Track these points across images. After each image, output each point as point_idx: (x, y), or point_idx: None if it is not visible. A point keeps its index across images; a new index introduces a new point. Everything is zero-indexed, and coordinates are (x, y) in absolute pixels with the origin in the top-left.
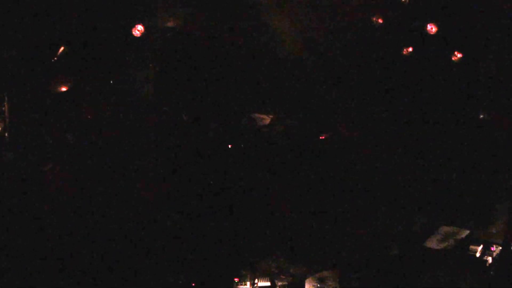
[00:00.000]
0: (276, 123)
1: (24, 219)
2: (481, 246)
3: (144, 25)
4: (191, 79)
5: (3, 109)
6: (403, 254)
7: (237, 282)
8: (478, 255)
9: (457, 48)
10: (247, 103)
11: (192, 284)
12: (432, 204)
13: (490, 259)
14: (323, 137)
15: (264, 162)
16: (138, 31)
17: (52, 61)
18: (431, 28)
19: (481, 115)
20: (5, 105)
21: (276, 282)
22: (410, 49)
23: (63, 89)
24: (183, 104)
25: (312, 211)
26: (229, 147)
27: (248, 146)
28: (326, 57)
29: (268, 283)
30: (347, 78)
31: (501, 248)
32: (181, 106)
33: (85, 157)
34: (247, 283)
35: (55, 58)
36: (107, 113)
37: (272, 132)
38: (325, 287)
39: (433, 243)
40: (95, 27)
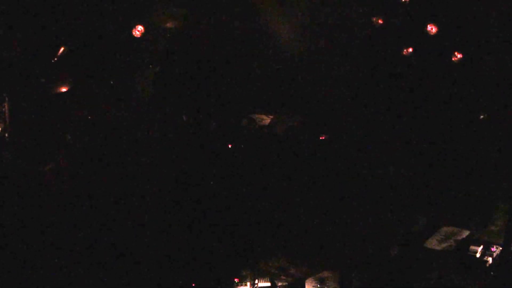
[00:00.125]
0: (276, 123)
1: (24, 219)
2: (481, 247)
3: (144, 25)
4: (191, 79)
5: (3, 109)
6: (404, 254)
7: (237, 282)
8: (478, 255)
9: (457, 49)
10: (247, 103)
11: (192, 284)
12: (433, 205)
13: (490, 259)
14: (323, 138)
15: (264, 162)
16: (138, 31)
17: (53, 61)
18: (431, 29)
19: (481, 115)
20: (5, 106)
21: (276, 282)
22: (410, 49)
23: (63, 89)
24: (183, 105)
25: (313, 212)
26: (229, 147)
27: (248, 146)
28: (326, 57)
29: (268, 284)
30: (347, 79)
31: (501, 248)
32: (181, 106)
33: (85, 157)
34: (248, 283)
35: (55, 59)
36: (107, 113)
37: (272, 133)
38: (325, 287)
39: (433, 243)
40: (95, 28)
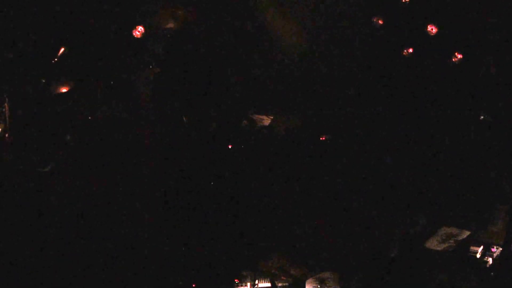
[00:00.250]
0: (276, 124)
1: (24, 219)
2: (482, 247)
3: (145, 26)
4: (191, 79)
5: (4, 110)
6: (404, 255)
7: (237, 283)
8: (478, 256)
9: (457, 49)
10: (247, 104)
11: (192, 284)
12: (433, 205)
13: (490, 260)
14: (323, 138)
15: (265, 163)
16: (139, 32)
17: (53, 62)
18: (432, 29)
19: (481, 116)
20: (6, 106)
21: (276, 283)
22: (411, 50)
23: (63, 89)
24: (183, 105)
25: (313, 212)
26: (229, 147)
27: (248, 147)
28: (327, 57)
29: (268, 284)
30: (347, 79)
31: (501, 249)
32: (181, 107)
33: (84, 157)
34: (248, 284)
35: (55, 59)
36: (107, 113)
37: (272, 133)
38: (325, 287)
39: (433, 244)
40: (95, 28)
